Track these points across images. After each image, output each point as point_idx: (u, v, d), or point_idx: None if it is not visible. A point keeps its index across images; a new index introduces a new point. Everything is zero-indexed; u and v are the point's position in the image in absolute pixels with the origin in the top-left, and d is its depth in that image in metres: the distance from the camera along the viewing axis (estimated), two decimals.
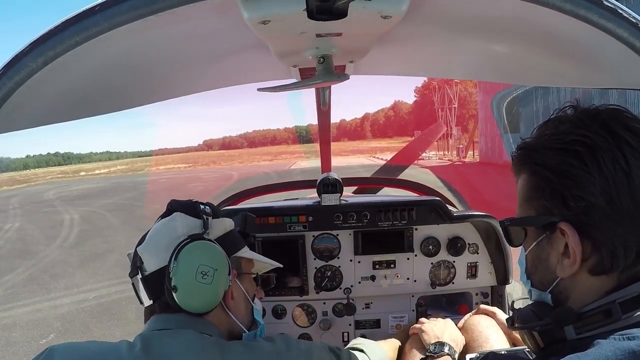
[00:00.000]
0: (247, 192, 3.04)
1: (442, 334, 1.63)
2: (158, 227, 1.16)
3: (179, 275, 1.05)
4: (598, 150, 0.72)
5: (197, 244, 1.09)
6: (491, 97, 4.46)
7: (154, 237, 1.14)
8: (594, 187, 0.72)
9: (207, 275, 1.07)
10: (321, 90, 1.91)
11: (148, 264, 1.10)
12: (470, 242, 2.20)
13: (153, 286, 1.10)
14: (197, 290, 1.06)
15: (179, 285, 1.04)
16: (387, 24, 0.85)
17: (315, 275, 2.20)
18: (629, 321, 0.71)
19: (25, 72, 0.71)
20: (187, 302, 1.06)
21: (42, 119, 1.06)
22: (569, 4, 0.70)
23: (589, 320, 0.74)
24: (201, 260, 1.07)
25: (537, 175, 0.80)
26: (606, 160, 0.72)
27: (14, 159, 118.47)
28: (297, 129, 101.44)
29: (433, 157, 36.81)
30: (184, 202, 1.20)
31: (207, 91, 1.68)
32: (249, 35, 0.90)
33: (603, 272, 0.74)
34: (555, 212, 0.77)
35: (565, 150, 0.75)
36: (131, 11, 0.67)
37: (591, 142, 0.73)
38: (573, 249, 0.74)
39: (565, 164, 0.75)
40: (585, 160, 0.73)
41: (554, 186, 0.76)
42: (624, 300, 0.72)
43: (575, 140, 0.75)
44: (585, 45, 0.93)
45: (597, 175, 0.72)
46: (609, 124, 0.75)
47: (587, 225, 0.73)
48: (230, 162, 58.75)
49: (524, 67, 1.33)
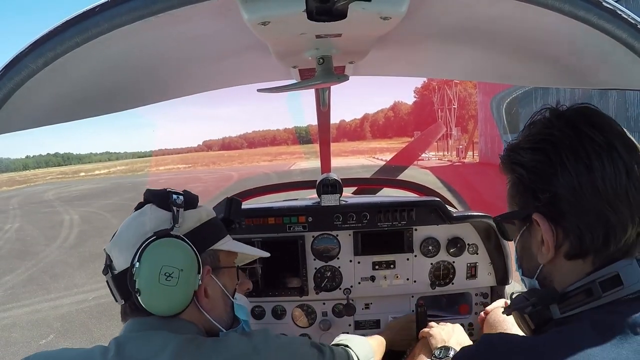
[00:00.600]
0: (246, 192, 3.04)
1: (448, 339, 1.63)
2: (128, 222, 1.09)
3: (142, 277, 0.99)
4: (561, 147, 0.81)
5: (161, 242, 1.02)
6: (491, 98, 4.47)
7: (123, 233, 1.07)
8: (557, 180, 0.80)
9: (172, 276, 1.00)
10: (321, 91, 1.91)
11: (117, 262, 1.04)
12: (469, 242, 2.20)
13: (122, 286, 1.03)
14: (162, 293, 1.00)
15: (142, 288, 0.98)
16: (387, 25, 0.85)
17: (315, 275, 2.20)
18: (610, 298, 0.78)
19: (25, 72, 0.72)
20: (152, 305, 1.00)
21: (42, 120, 1.06)
22: (568, 5, 0.70)
23: (572, 300, 0.82)
24: (164, 260, 1.00)
25: (515, 173, 0.89)
26: (569, 155, 0.80)
27: (13, 159, 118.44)
28: (297, 130, 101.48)
29: (433, 158, 36.83)
30: (156, 192, 1.12)
31: (207, 92, 1.68)
32: (248, 36, 0.90)
33: (577, 256, 0.82)
34: (529, 205, 0.86)
35: (535, 149, 0.84)
36: (131, 12, 0.68)
37: (555, 140, 0.82)
38: (547, 236, 0.83)
39: (534, 161, 0.84)
40: (550, 156, 0.81)
41: (525, 182, 0.86)
42: (604, 279, 0.79)
43: (543, 139, 0.84)
44: (585, 46, 0.93)
45: (560, 169, 0.80)
46: (572, 121, 0.83)
47: (556, 215, 0.82)
48: (230, 163, 58.77)
49: (523, 68, 1.34)
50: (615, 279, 0.78)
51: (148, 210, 1.09)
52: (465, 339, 1.69)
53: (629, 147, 0.81)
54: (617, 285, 0.78)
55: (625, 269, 0.79)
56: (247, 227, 2.15)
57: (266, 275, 2.17)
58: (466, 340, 1.68)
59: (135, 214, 1.10)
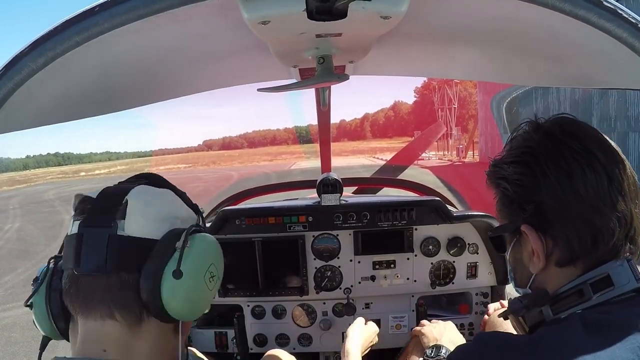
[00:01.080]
0: (247, 192, 3.05)
1: (440, 337, 1.62)
2: (154, 190, 0.91)
3: (189, 263, 0.82)
4: (541, 157, 0.83)
5: (209, 238, 0.91)
6: (491, 98, 4.47)
7: (154, 198, 0.88)
8: (540, 190, 0.83)
9: (213, 279, 0.89)
10: (321, 90, 1.91)
11: (133, 223, 0.82)
12: (470, 242, 2.20)
13: (124, 254, 0.80)
14: (198, 292, 0.85)
15: (186, 273, 0.81)
16: (387, 25, 0.85)
17: (315, 275, 2.20)
18: (601, 299, 0.79)
19: (25, 72, 0.72)
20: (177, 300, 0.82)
21: (42, 119, 1.06)
22: (569, 5, 0.70)
23: (563, 302, 0.83)
24: (214, 258, 0.90)
25: (500, 187, 0.91)
26: (549, 164, 0.82)
27: (13, 159, 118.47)
28: (297, 129, 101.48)
29: (433, 158, 36.81)
30: (174, 186, 0.99)
31: (207, 91, 1.68)
32: (249, 36, 0.90)
33: (568, 262, 0.84)
34: (516, 218, 0.88)
35: (517, 162, 0.87)
36: (131, 12, 0.68)
37: (535, 151, 0.85)
38: (537, 246, 0.85)
39: (517, 174, 0.86)
40: (531, 167, 0.84)
41: (511, 195, 0.88)
42: (595, 280, 0.80)
43: (524, 152, 0.87)
44: (585, 45, 0.93)
45: (542, 179, 0.82)
46: (550, 132, 0.86)
47: (543, 224, 0.84)
48: (230, 163, 58.76)
49: (523, 67, 1.34)
50: (605, 280, 0.80)
51: (176, 198, 0.94)
52: (458, 336, 1.69)
53: (608, 152, 0.83)
54: (608, 286, 0.79)
55: (615, 270, 0.80)
56: (247, 226, 2.15)
57: (266, 275, 2.18)
58: (458, 338, 1.68)
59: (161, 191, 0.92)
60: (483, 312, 2.26)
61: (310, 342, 2.27)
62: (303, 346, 2.27)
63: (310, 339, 2.26)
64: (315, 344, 2.27)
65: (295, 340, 2.27)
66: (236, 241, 2.16)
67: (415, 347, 1.69)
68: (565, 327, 0.78)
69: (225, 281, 2.19)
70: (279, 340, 2.27)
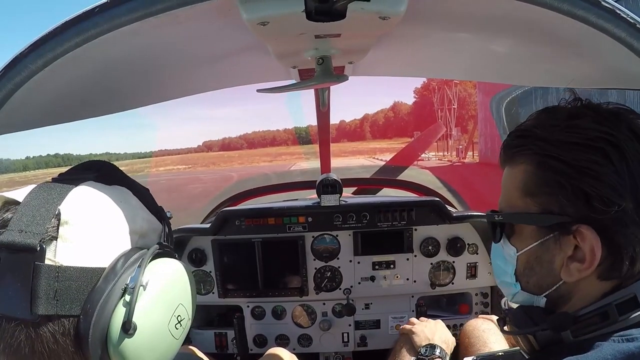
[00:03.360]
0: (247, 193, 3.05)
1: (432, 336, 1.61)
2: (102, 193, 0.68)
3: (149, 309, 0.63)
4: (626, 152, 0.69)
5: (179, 265, 0.71)
6: (490, 98, 4.47)
7: (104, 204, 0.67)
8: (624, 189, 0.68)
9: (181, 325, 0.69)
10: (320, 91, 1.91)
11: (69, 246, 0.60)
12: (469, 242, 2.20)
13: (58, 292, 0.59)
14: (160, 346, 0.66)
15: (141, 327, 0.61)
16: (386, 25, 0.85)
17: (315, 275, 2.20)
18: (627, 323, 0.69)
19: (25, 73, 0.72)
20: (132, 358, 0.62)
21: (42, 120, 1.06)
22: (567, 5, 0.70)
23: (585, 323, 0.72)
24: (182, 295, 0.70)
25: (548, 169, 0.73)
26: (635, 163, 0.69)
27: (13, 160, 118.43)
28: (297, 130, 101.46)
29: (432, 158, 36.81)
30: (130, 178, 0.78)
31: (206, 92, 1.68)
32: (248, 37, 0.90)
33: (617, 277, 0.72)
34: (570, 212, 0.71)
35: (589, 146, 0.70)
36: (130, 13, 0.68)
37: (618, 142, 0.69)
38: (592, 254, 0.70)
39: (591, 162, 0.69)
40: (613, 160, 0.68)
41: (575, 184, 0.70)
42: (621, 302, 0.70)
43: (600, 137, 0.70)
44: (584, 45, 0.93)
45: (627, 177, 0.68)
46: (632, 125, 0.72)
47: (611, 230, 0.69)
48: (230, 163, 58.75)
49: (523, 68, 1.34)
50: (632, 301, 0.70)
51: (133, 199, 0.74)
52: (449, 335, 1.69)
53: None
54: (635, 308, 0.70)
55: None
56: (247, 227, 2.16)
57: (266, 276, 2.18)
58: (449, 337, 1.68)
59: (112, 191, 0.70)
60: (483, 312, 2.26)
61: (310, 343, 2.27)
62: (303, 347, 2.27)
63: (310, 340, 2.26)
64: (315, 344, 2.27)
65: (295, 341, 2.27)
66: (236, 242, 2.16)
67: (405, 345, 1.67)
68: (592, 357, 0.67)
69: (225, 282, 2.19)
70: (278, 341, 2.27)
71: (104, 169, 0.75)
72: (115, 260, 0.64)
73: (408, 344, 1.67)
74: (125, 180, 0.76)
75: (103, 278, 0.62)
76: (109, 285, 0.61)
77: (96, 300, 0.61)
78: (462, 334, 1.76)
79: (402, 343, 1.70)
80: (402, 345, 1.69)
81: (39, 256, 0.58)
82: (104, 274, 0.62)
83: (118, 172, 0.77)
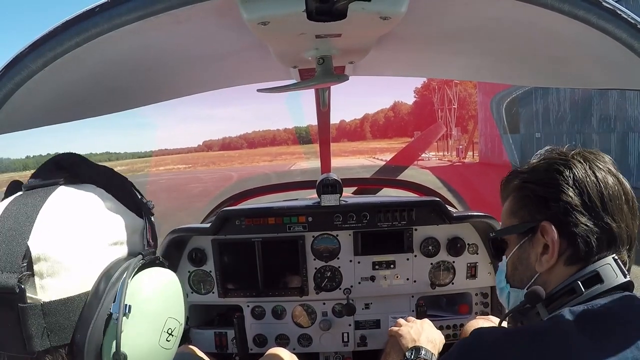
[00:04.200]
0: (247, 192, 3.05)
1: (418, 337, 1.60)
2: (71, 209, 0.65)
3: (136, 334, 0.63)
4: (574, 167, 0.92)
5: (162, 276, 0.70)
6: (491, 98, 4.48)
7: (69, 230, 0.63)
8: (570, 191, 0.90)
9: (173, 335, 0.69)
10: (321, 91, 1.91)
11: (49, 283, 0.60)
12: (469, 242, 2.20)
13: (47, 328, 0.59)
14: None
15: (132, 354, 0.62)
16: (387, 25, 0.85)
17: (315, 275, 2.20)
18: (591, 294, 0.86)
19: (25, 73, 0.72)
20: None
21: (42, 120, 1.06)
22: (568, 5, 0.70)
23: (557, 301, 0.90)
24: (170, 308, 0.69)
25: (524, 189, 0.98)
26: (580, 174, 0.91)
27: (13, 159, 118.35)
28: (297, 130, 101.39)
29: (433, 158, 36.81)
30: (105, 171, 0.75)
31: (207, 92, 1.68)
32: (248, 36, 0.90)
33: (578, 261, 0.90)
34: (538, 216, 0.94)
35: (549, 169, 0.95)
36: (131, 12, 0.68)
37: (568, 163, 0.93)
38: (553, 244, 0.90)
39: (548, 177, 0.93)
40: (563, 173, 0.92)
41: (538, 194, 0.94)
42: (585, 278, 0.88)
43: (557, 162, 0.95)
44: (585, 46, 0.93)
45: (572, 183, 0.90)
46: (585, 156, 0.95)
47: (566, 223, 0.89)
48: (230, 163, 58.73)
49: (523, 68, 1.34)
50: (596, 277, 0.87)
51: (105, 202, 0.70)
52: (435, 333, 1.68)
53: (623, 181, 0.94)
54: (598, 283, 0.87)
55: (603, 268, 0.88)
56: (247, 227, 2.16)
57: (266, 275, 2.18)
58: (436, 335, 1.67)
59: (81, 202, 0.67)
60: (483, 312, 2.26)
61: (310, 343, 2.27)
62: (303, 346, 2.27)
63: (310, 340, 2.26)
64: (315, 344, 2.27)
65: (295, 341, 2.27)
66: (236, 241, 2.16)
67: (393, 347, 1.67)
68: (557, 317, 0.84)
69: (226, 281, 2.19)
70: (278, 341, 2.27)
71: (73, 167, 0.73)
72: (97, 282, 0.63)
73: (396, 346, 1.66)
74: (96, 175, 0.73)
75: (87, 306, 0.62)
76: (93, 314, 0.61)
77: (84, 330, 0.61)
78: (463, 334, 1.76)
79: (391, 345, 1.70)
80: (390, 347, 1.70)
81: (20, 297, 0.58)
82: (88, 300, 0.62)
83: (87, 168, 0.74)
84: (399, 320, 1.78)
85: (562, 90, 17.35)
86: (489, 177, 18.06)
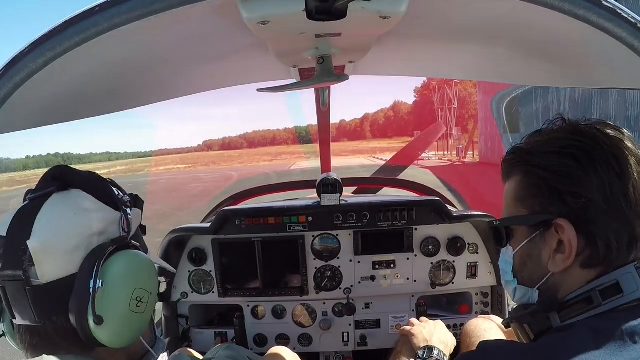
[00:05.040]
0: (247, 192, 3.05)
1: (431, 337, 1.61)
2: (60, 212, 0.84)
3: (109, 302, 0.81)
4: (593, 154, 0.79)
5: (130, 256, 0.87)
6: (491, 97, 4.47)
7: (58, 228, 0.82)
8: (591, 185, 0.78)
9: (142, 301, 0.86)
10: (321, 90, 1.91)
11: (45, 269, 0.80)
12: (470, 242, 2.20)
13: (48, 302, 0.81)
14: (129, 323, 0.85)
15: (107, 317, 0.80)
16: (387, 25, 0.85)
17: (315, 275, 2.20)
18: (609, 307, 0.77)
19: (25, 72, 0.72)
20: (113, 338, 0.83)
21: (42, 120, 1.06)
22: (568, 4, 0.70)
23: (571, 309, 0.81)
24: (137, 280, 0.85)
25: (532, 175, 0.85)
26: (601, 163, 0.78)
27: (13, 159, 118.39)
28: (297, 130, 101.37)
29: (433, 158, 36.81)
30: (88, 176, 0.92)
31: (207, 91, 1.68)
32: (248, 36, 0.90)
33: (596, 264, 0.80)
34: (551, 209, 0.82)
35: (562, 153, 0.81)
36: (130, 12, 0.68)
37: (586, 147, 0.80)
38: (570, 244, 0.79)
39: (563, 165, 0.80)
40: (581, 161, 0.79)
41: (551, 185, 0.81)
42: (604, 287, 0.78)
43: (572, 145, 0.81)
44: (585, 45, 0.93)
45: (593, 175, 0.78)
46: (602, 134, 0.82)
47: (584, 221, 0.79)
48: (230, 163, 58.76)
49: (523, 67, 1.34)
50: (615, 287, 0.78)
51: (86, 200, 0.87)
52: (448, 335, 1.68)
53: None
54: (617, 294, 0.77)
55: (624, 277, 0.78)
56: (247, 227, 2.16)
57: (266, 275, 2.18)
58: (449, 337, 1.67)
59: (66, 202, 0.86)
60: (483, 311, 2.26)
61: (310, 342, 2.27)
62: (303, 346, 2.27)
63: (310, 339, 2.27)
64: (315, 343, 2.27)
65: (295, 340, 2.27)
66: (236, 241, 2.16)
67: (405, 346, 1.67)
68: (573, 334, 0.75)
69: (226, 281, 2.19)
70: (279, 341, 2.27)
71: (63, 177, 0.89)
72: (81, 264, 0.82)
73: (407, 345, 1.66)
74: (81, 181, 0.90)
75: (75, 283, 0.81)
76: (80, 289, 0.81)
77: (74, 302, 0.81)
78: (464, 333, 1.76)
79: (402, 344, 1.70)
80: (401, 346, 1.70)
81: (27, 282, 0.79)
82: (75, 280, 0.81)
83: (74, 175, 0.90)
84: (412, 319, 1.79)
85: (563, 90, 17.36)
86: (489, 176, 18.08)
